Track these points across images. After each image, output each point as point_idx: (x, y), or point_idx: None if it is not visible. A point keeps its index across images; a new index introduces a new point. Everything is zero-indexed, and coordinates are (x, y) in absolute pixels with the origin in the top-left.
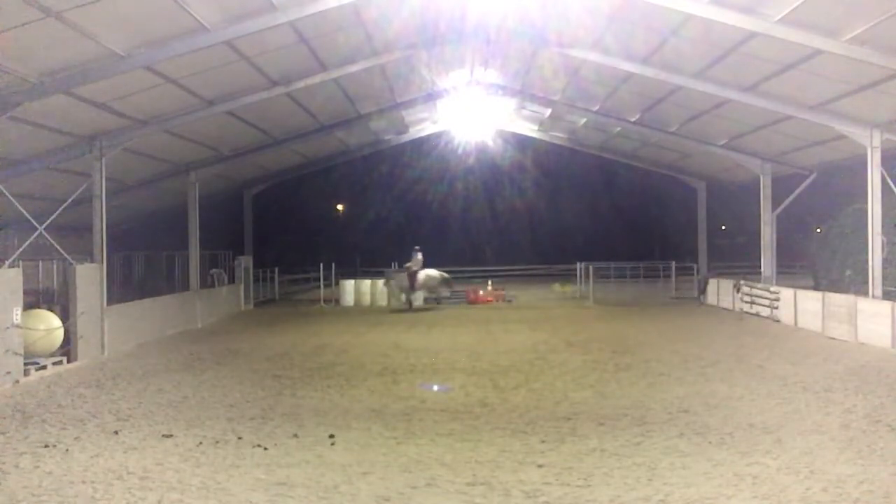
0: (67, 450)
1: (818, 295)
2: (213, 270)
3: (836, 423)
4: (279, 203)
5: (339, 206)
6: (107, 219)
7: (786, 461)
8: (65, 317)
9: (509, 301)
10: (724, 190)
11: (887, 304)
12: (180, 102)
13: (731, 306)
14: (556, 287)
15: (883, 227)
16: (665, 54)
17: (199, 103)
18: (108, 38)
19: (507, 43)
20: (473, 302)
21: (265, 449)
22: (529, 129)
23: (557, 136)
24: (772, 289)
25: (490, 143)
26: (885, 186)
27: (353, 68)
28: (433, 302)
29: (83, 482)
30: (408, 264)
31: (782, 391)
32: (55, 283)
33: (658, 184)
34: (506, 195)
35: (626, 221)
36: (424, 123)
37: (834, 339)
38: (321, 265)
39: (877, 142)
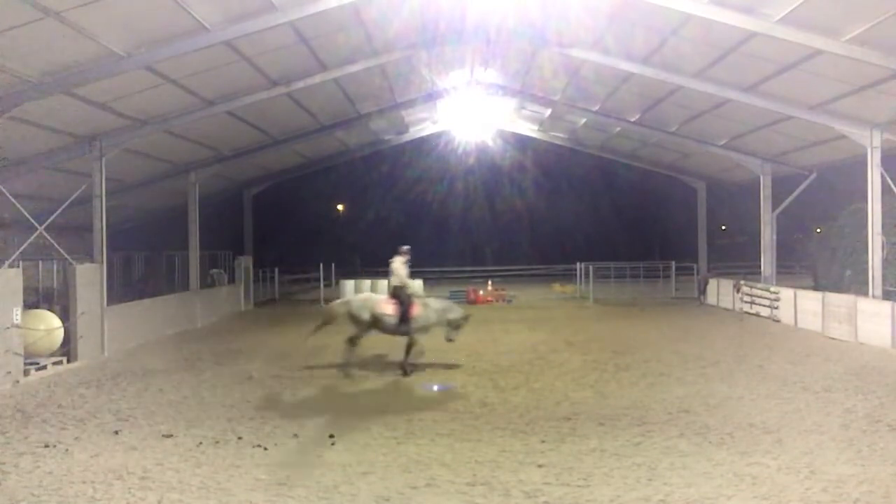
0: (67, 450)
1: (818, 295)
2: (213, 270)
3: (836, 423)
4: (279, 203)
5: (339, 206)
6: (107, 219)
7: (786, 461)
8: (65, 317)
9: (509, 301)
10: (724, 190)
11: (887, 304)
12: (180, 102)
13: (731, 306)
14: (556, 287)
15: (883, 227)
16: (665, 54)
17: (199, 103)
18: (108, 38)
19: (507, 43)
20: (473, 302)
21: (265, 449)
22: (529, 129)
23: (557, 136)
24: (772, 289)
25: (490, 143)
26: (885, 186)
27: (353, 68)
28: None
29: (83, 482)
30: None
31: (782, 391)
32: (55, 283)
33: (658, 184)
34: (506, 195)
35: (626, 221)
36: (424, 123)
37: (834, 339)
38: (321, 265)
39: (877, 142)
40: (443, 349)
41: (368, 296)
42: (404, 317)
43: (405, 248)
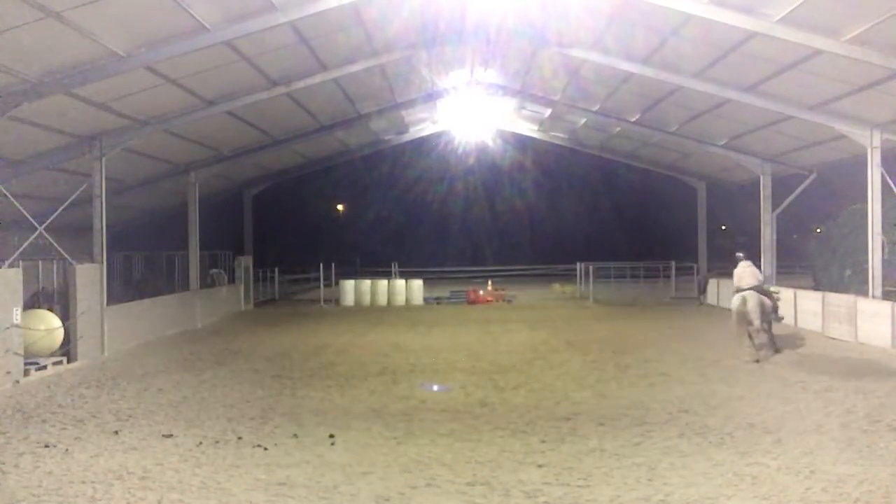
0: (67, 450)
1: (818, 295)
2: (213, 270)
3: (836, 423)
4: (279, 203)
5: (339, 206)
6: (107, 219)
7: (786, 461)
8: (65, 317)
9: (509, 301)
10: (724, 190)
11: (887, 304)
12: (180, 102)
13: (731, 306)
14: (556, 287)
15: (883, 227)
16: (665, 54)
17: (199, 103)
18: (108, 38)
19: (507, 43)
20: (473, 302)
21: (265, 449)
22: (529, 129)
23: (557, 136)
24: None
25: (490, 143)
26: (885, 186)
27: (353, 68)
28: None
29: (83, 482)
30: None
31: (782, 391)
32: (55, 283)
33: (658, 184)
34: (506, 195)
35: (626, 221)
36: (424, 123)
37: (834, 339)
38: (321, 265)
39: (877, 142)
40: (444, 349)
41: (753, 295)
42: (776, 310)
43: (741, 254)
